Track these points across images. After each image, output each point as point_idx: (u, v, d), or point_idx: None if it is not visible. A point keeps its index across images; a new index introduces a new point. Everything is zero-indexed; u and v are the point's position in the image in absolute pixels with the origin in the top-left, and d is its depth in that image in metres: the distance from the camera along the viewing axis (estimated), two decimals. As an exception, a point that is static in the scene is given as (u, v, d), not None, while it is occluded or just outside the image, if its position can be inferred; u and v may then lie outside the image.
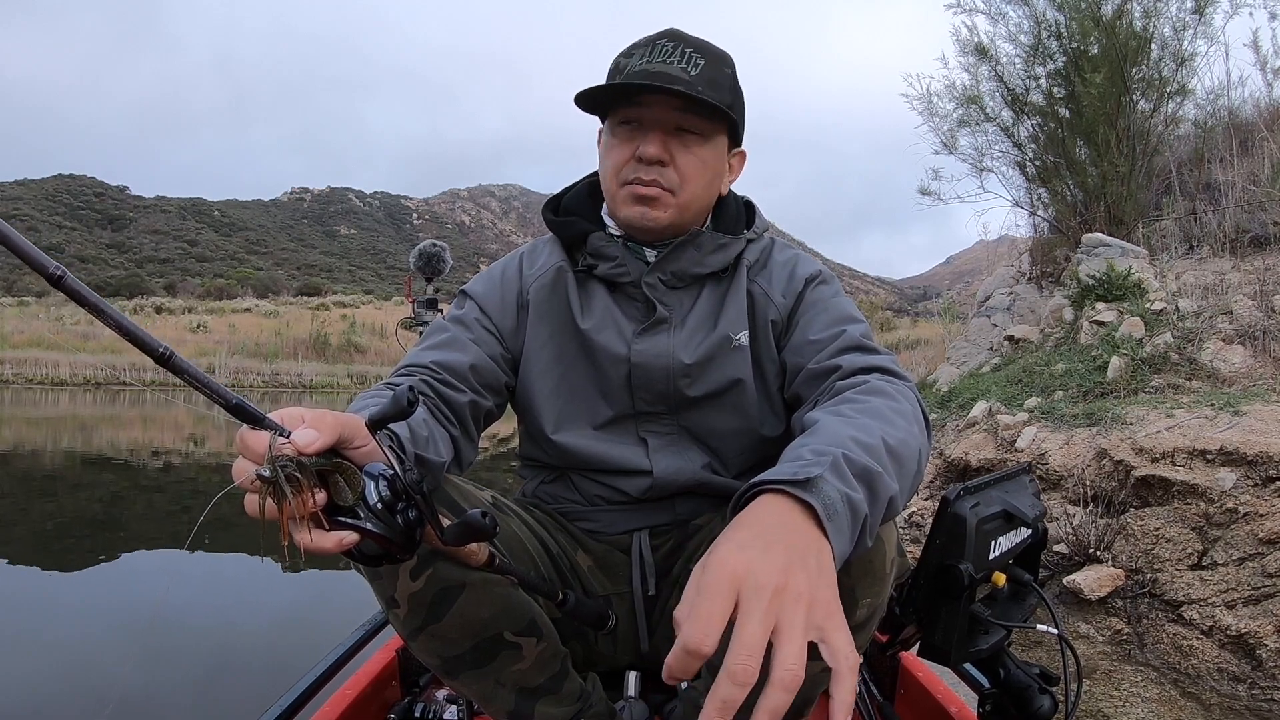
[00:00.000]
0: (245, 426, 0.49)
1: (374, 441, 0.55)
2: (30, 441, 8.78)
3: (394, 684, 1.22)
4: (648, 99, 0.86)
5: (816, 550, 0.50)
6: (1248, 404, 2.68)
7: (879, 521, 0.60)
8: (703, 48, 0.87)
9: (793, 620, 0.44)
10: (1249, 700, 1.98)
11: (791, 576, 0.46)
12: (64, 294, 0.42)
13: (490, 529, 0.57)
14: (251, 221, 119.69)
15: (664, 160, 0.87)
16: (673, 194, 0.88)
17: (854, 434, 0.63)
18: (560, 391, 0.96)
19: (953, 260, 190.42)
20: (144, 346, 0.45)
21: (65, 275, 0.41)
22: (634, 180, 0.88)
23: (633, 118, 0.88)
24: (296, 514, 0.48)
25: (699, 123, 0.87)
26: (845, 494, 0.55)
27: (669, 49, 0.86)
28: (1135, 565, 2.45)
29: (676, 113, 0.86)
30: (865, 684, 1.19)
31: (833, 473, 0.56)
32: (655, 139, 0.86)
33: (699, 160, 0.89)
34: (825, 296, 0.94)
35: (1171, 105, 5.50)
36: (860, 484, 0.58)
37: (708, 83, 0.85)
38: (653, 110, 0.86)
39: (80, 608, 3.00)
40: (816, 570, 0.48)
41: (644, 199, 0.88)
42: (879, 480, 0.59)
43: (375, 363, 23.74)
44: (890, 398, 0.72)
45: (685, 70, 0.84)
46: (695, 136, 0.88)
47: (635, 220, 0.90)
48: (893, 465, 0.62)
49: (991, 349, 5.45)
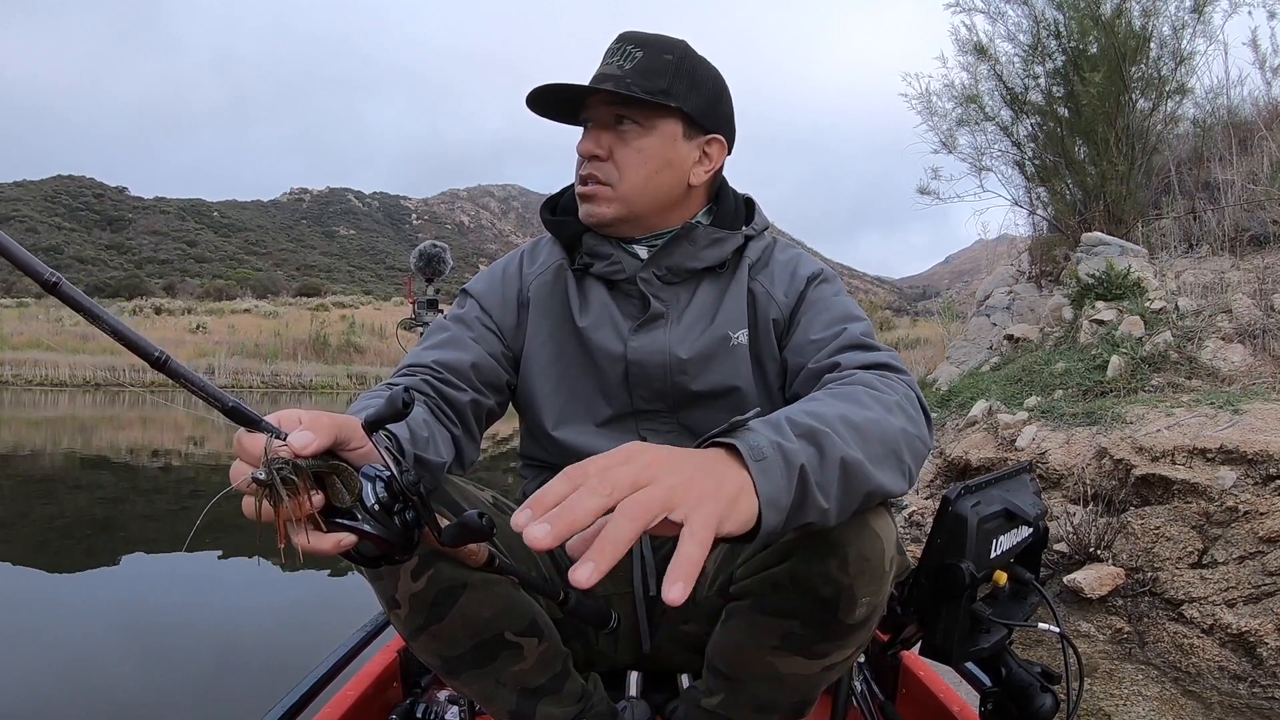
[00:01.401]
0: (242, 429, 0.49)
1: (371, 443, 0.55)
2: (30, 443, 8.78)
3: (396, 685, 1.22)
4: (591, 101, 0.90)
5: (722, 470, 0.50)
6: (1247, 403, 2.68)
7: (834, 482, 0.56)
8: (646, 42, 0.89)
9: (661, 480, 0.45)
10: (1250, 698, 1.98)
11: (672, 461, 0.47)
12: (59, 300, 0.42)
13: (487, 530, 0.57)
14: (251, 222, 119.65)
15: (599, 155, 0.90)
16: (611, 187, 0.90)
17: (804, 406, 0.62)
18: (560, 389, 0.96)
19: (952, 259, 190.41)
20: (139, 351, 0.45)
21: (60, 281, 0.41)
22: (579, 178, 0.93)
23: (584, 120, 0.92)
24: (293, 516, 0.48)
25: (632, 113, 0.89)
26: (776, 442, 0.53)
27: (614, 50, 0.90)
28: (1136, 564, 2.46)
29: (611, 108, 0.89)
30: (867, 682, 1.19)
31: (765, 425, 0.55)
32: (589, 135, 0.91)
33: (635, 150, 0.90)
34: (827, 295, 0.93)
35: (1171, 104, 5.50)
36: (802, 440, 0.55)
37: (640, 73, 0.87)
38: (594, 110, 0.91)
39: (81, 609, 3.00)
40: (707, 475, 0.48)
41: (586, 196, 0.92)
42: (825, 439, 0.56)
43: (375, 363, 23.74)
44: (872, 386, 0.71)
45: (620, 67, 0.88)
46: (635, 127, 0.89)
47: (584, 217, 0.93)
48: (850, 434, 0.59)
49: (991, 348, 5.45)
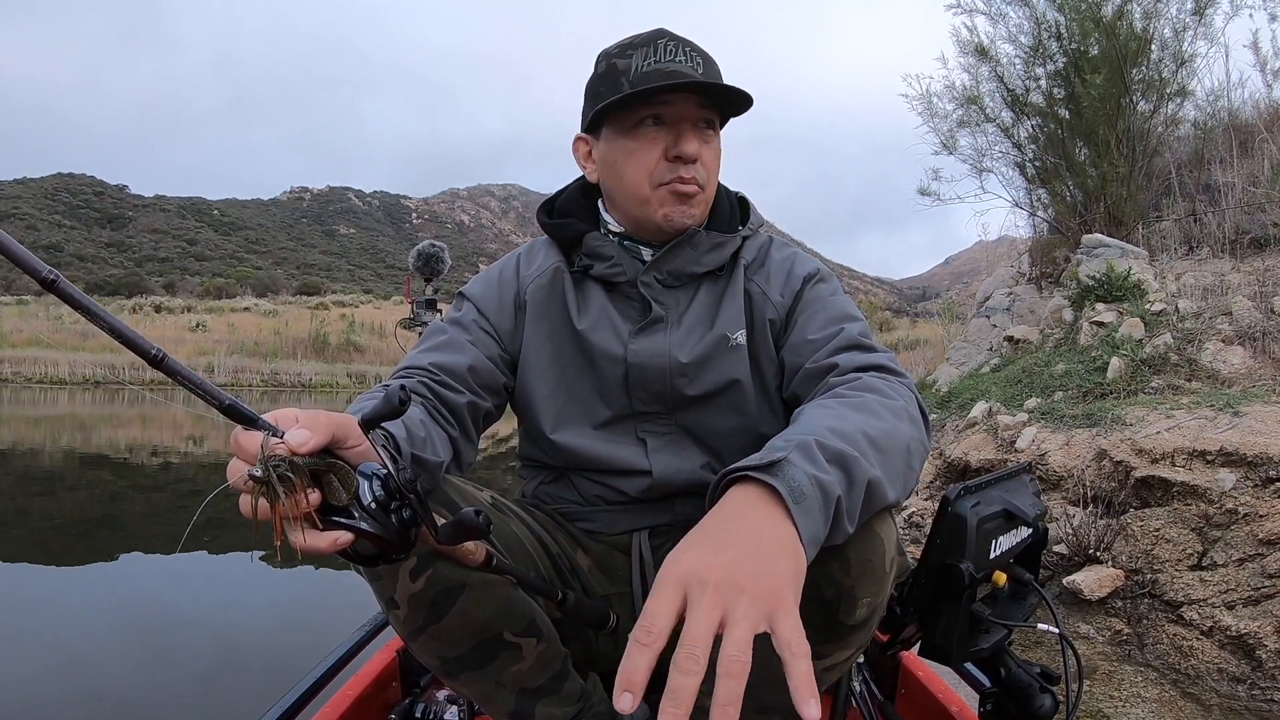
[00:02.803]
0: (239, 427, 0.49)
1: (366, 443, 0.55)
2: (29, 440, 8.78)
3: (394, 685, 1.22)
4: (671, 97, 0.86)
5: (773, 536, 0.51)
6: (1247, 405, 2.68)
7: (859, 507, 0.59)
8: (696, 47, 0.89)
9: (734, 610, 0.45)
10: (1249, 701, 1.98)
11: (735, 570, 0.47)
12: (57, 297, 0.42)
13: (484, 527, 0.57)
14: (251, 221, 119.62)
15: (698, 158, 0.88)
16: (704, 190, 0.91)
17: (829, 423, 0.63)
18: (559, 392, 0.95)
19: (952, 261, 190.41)
20: (137, 348, 0.45)
21: (58, 279, 0.41)
22: (674, 180, 0.88)
23: (658, 117, 0.88)
24: (290, 514, 0.48)
25: (716, 116, 0.90)
26: (814, 476, 0.55)
27: (672, 48, 0.87)
28: (1135, 566, 2.46)
29: (699, 108, 0.88)
30: (866, 683, 1.19)
31: (801, 455, 0.56)
32: (691, 137, 0.87)
33: (715, 153, 0.91)
34: (823, 295, 0.93)
35: (1171, 106, 5.50)
36: (833, 467, 0.57)
37: (715, 77, 0.88)
38: (678, 108, 0.87)
39: (79, 607, 3.00)
40: (766, 559, 0.49)
41: (686, 197, 0.89)
42: (854, 464, 0.59)
43: (374, 362, 23.74)
44: (881, 393, 0.72)
45: (694, 68, 0.86)
46: (712, 131, 0.90)
47: (678, 219, 0.90)
48: (873, 453, 0.62)
49: (991, 349, 5.45)
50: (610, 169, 0.92)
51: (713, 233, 0.95)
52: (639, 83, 0.85)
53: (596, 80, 0.91)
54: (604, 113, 0.89)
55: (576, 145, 0.97)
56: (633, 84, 0.85)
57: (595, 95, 0.90)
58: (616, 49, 0.89)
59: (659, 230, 0.92)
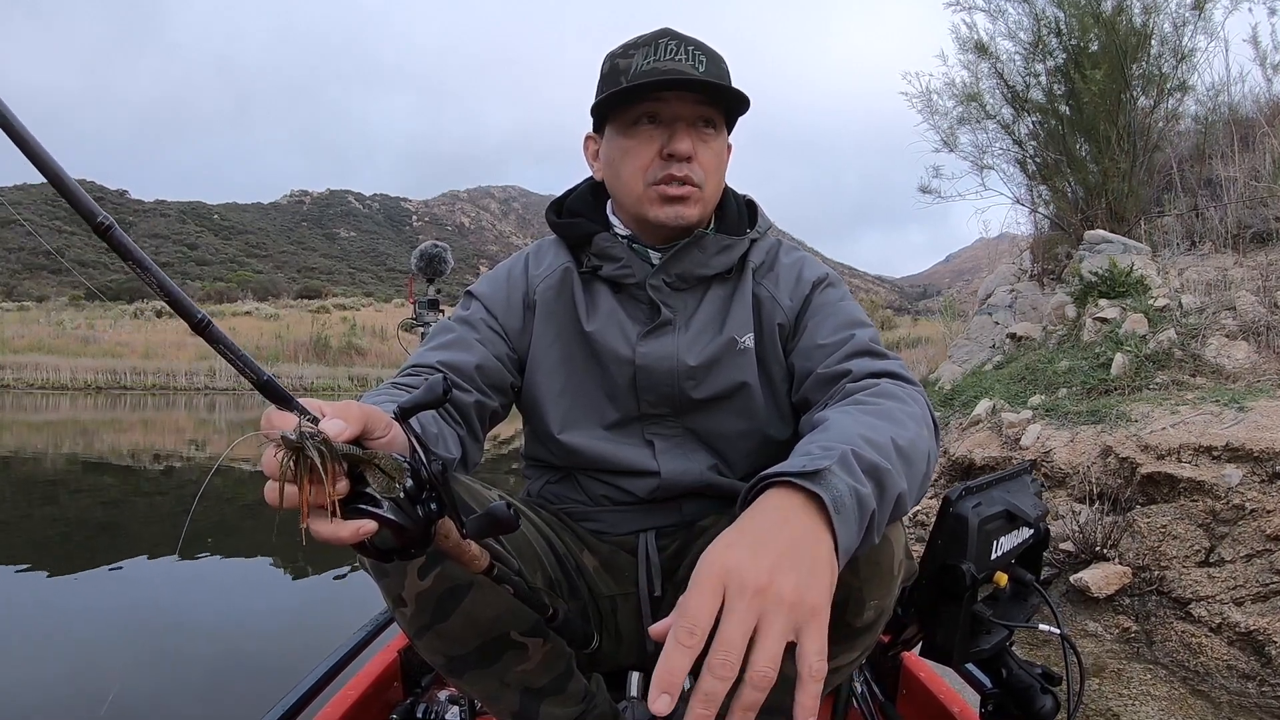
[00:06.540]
0: (272, 406, 0.47)
1: (392, 434, 0.54)
2: (31, 446, 8.80)
3: (396, 685, 1.22)
4: (666, 95, 0.86)
5: (813, 547, 0.50)
6: (1252, 400, 2.67)
7: (886, 519, 0.59)
8: (702, 46, 0.88)
9: (772, 621, 0.45)
10: (1259, 698, 1.97)
11: (777, 577, 0.47)
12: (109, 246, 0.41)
13: (514, 520, 0.56)
14: (251, 224, 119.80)
15: (692, 156, 0.87)
16: (700, 189, 0.89)
17: (863, 432, 0.63)
18: (567, 392, 0.95)
19: (953, 258, 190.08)
20: (183, 311, 0.44)
21: (113, 227, 0.41)
22: (663, 179, 0.87)
23: (653, 115, 0.87)
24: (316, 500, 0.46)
25: (715, 115, 0.89)
26: (853, 488, 0.55)
27: (673, 47, 0.86)
28: (1142, 563, 2.45)
29: (697, 106, 0.87)
30: (867, 683, 1.19)
31: (841, 466, 0.56)
32: (684, 135, 0.86)
33: (715, 153, 0.90)
34: (833, 300, 0.93)
35: (1172, 101, 5.49)
36: (869, 479, 0.57)
37: (718, 76, 0.87)
38: (672, 106, 0.86)
39: (82, 610, 3.01)
40: (808, 571, 0.48)
41: (678, 198, 0.88)
42: (887, 477, 0.59)
43: (376, 365, 23.77)
44: (901, 401, 0.73)
45: (695, 67, 0.85)
46: (712, 130, 0.89)
47: (669, 220, 0.89)
48: (901, 464, 0.62)
49: (994, 347, 5.44)
50: (610, 167, 0.93)
51: (721, 235, 0.94)
52: (635, 81, 0.85)
53: (601, 80, 0.91)
54: (606, 112, 0.90)
55: (586, 144, 0.98)
56: (630, 82, 0.85)
57: (598, 94, 0.91)
58: (621, 49, 0.90)
59: (658, 230, 0.92)
